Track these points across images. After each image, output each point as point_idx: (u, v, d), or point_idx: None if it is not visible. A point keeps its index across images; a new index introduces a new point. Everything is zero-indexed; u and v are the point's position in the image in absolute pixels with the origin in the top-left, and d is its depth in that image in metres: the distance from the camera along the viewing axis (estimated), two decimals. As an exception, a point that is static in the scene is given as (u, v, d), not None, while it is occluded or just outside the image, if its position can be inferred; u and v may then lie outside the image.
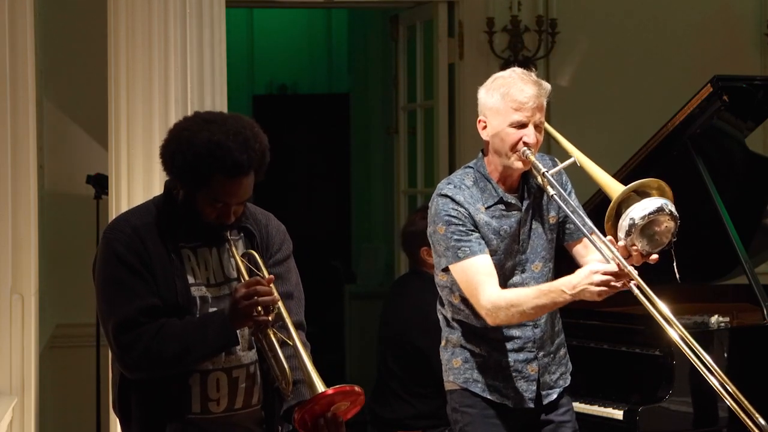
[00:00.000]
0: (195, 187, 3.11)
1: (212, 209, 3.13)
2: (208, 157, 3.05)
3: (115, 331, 3.11)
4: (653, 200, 3.58)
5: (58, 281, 6.21)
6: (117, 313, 3.11)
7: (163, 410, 3.15)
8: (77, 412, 6.23)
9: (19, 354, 4.69)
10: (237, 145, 3.07)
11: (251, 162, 3.10)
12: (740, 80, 5.23)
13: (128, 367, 3.13)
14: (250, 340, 3.22)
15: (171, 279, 3.14)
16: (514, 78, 3.78)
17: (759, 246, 5.36)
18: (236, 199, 3.13)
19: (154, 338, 3.08)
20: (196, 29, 4.59)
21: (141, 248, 3.13)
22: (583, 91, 7.11)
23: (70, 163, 6.29)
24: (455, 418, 3.93)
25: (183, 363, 3.11)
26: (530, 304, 3.70)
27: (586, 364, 4.76)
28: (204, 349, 3.10)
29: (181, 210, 3.18)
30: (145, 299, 3.11)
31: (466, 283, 3.76)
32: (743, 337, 4.84)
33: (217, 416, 3.19)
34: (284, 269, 3.30)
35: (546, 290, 3.69)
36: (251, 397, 3.23)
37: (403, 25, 7.49)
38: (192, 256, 3.20)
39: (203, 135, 3.07)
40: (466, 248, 3.76)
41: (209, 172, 3.07)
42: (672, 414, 4.56)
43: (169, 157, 3.13)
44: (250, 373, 3.22)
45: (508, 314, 3.72)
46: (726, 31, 7.34)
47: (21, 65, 4.72)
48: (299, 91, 11.17)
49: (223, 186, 3.09)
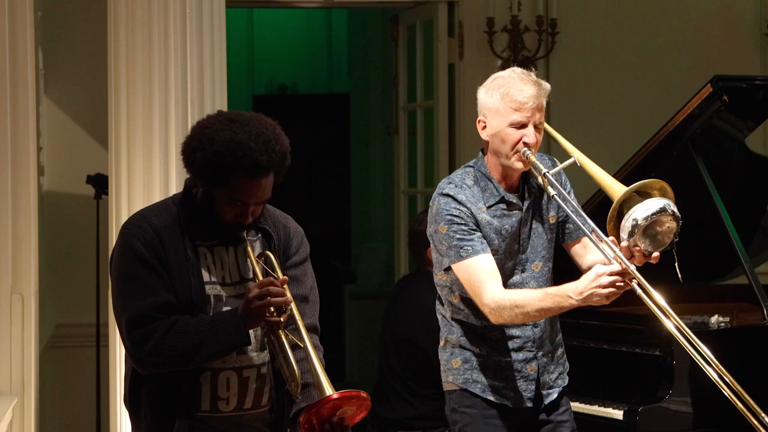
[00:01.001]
0: (214, 186, 3.13)
1: (230, 208, 3.15)
2: (229, 156, 3.07)
3: (128, 326, 3.12)
4: (656, 201, 3.58)
5: (58, 281, 6.22)
6: (131, 307, 3.12)
7: (172, 406, 3.16)
8: (77, 412, 6.23)
9: (19, 354, 4.68)
10: (258, 145, 3.08)
11: (271, 163, 3.11)
12: (740, 80, 5.23)
13: (139, 362, 3.14)
14: (262, 341, 3.22)
15: (186, 276, 3.15)
16: (513, 78, 3.77)
17: (759, 246, 5.36)
18: (254, 199, 3.14)
19: (166, 334, 3.09)
20: (196, 29, 4.59)
21: (158, 245, 3.15)
22: (583, 91, 7.11)
23: (70, 163, 6.29)
24: (454, 418, 3.92)
25: (194, 360, 3.11)
26: (535, 306, 3.69)
27: (586, 364, 4.77)
28: (215, 347, 3.10)
29: (200, 208, 3.19)
30: (159, 295, 3.12)
31: (469, 283, 3.76)
32: (743, 337, 4.84)
33: (226, 415, 3.20)
34: (300, 272, 3.31)
35: (552, 294, 3.68)
36: (261, 398, 3.24)
37: (403, 25, 7.49)
38: (208, 254, 3.21)
39: (225, 134, 3.09)
40: (469, 247, 3.75)
41: (229, 171, 3.08)
42: (672, 414, 4.56)
43: (190, 155, 3.14)
44: (261, 374, 3.22)
45: (512, 314, 3.72)
46: (726, 31, 7.34)
47: (21, 65, 4.71)
48: (299, 91, 11.17)
49: (242, 186, 3.10)
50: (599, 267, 3.60)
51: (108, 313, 4.76)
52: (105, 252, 5.12)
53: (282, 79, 11.13)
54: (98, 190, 5.95)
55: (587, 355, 4.81)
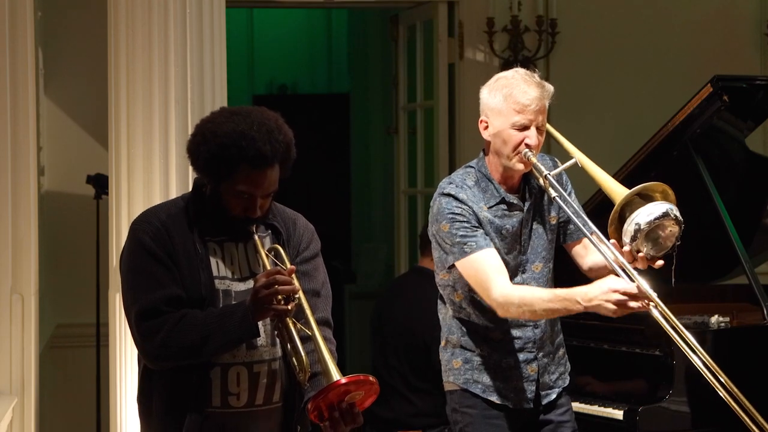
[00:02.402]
0: (220, 179, 3.14)
1: (238, 202, 3.15)
2: (232, 147, 3.09)
3: (138, 319, 3.13)
4: (659, 205, 3.56)
5: (58, 281, 6.22)
6: (140, 301, 3.13)
7: (183, 403, 3.16)
8: (77, 412, 6.23)
9: (19, 354, 4.68)
10: (261, 135, 3.10)
11: (275, 153, 3.13)
12: (740, 80, 5.23)
13: (148, 355, 3.14)
14: (273, 336, 3.22)
15: (196, 271, 3.16)
16: (517, 79, 3.76)
17: (759, 246, 5.36)
18: (261, 190, 3.15)
19: (175, 327, 3.09)
20: (196, 29, 4.59)
21: (167, 240, 3.16)
22: (583, 91, 7.11)
23: (70, 163, 6.29)
24: (455, 418, 3.93)
25: (202, 353, 3.11)
26: (542, 306, 3.68)
27: (586, 364, 4.77)
28: (223, 339, 3.10)
29: (209, 205, 3.20)
30: (168, 289, 3.13)
31: (475, 278, 3.75)
32: (743, 337, 4.84)
33: (236, 411, 3.20)
34: (311, 267, 3.31)
35: (561, 297, 3.66)
36: (273, 394, 3.24)
37: (403, 25, 7.49)
38: (218, 249, 3.22)
39: (228, 126, 3.11)
40: (473, 243, 3.74)
41: (234, 163, 3.10)
42: (672, 414, 4.56)
43: (195, 150, 3.16)
44: (272, 369, 3.22)
45: (519, 311, 3.71)
46: (726, 31, 7.34)
47: (21, 65, 4.71)
48: (299, 91, 11.17)
49: (248, 177, 3.12)
50: (614, 281, 3.55)
51: (108, 313, 4.76)
52: (105, 252, 5.12)
53: (282, 79, 11.12)
54: (98, 190, 5.95)
55: (587, 355, 4.81)
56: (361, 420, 3.11)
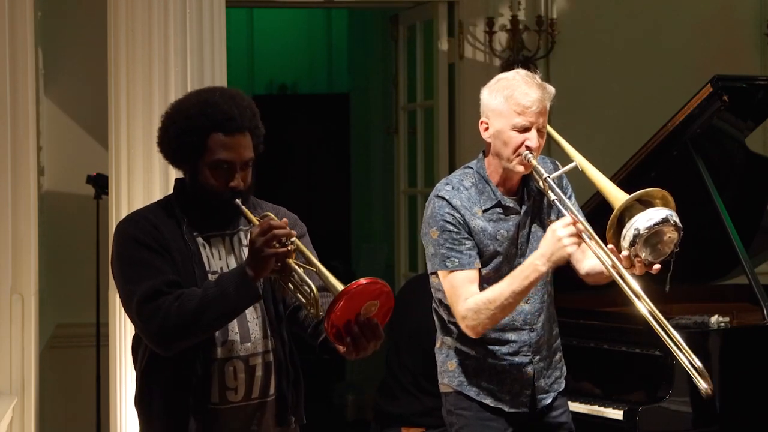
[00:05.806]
0: (197, 157, 3.16)
1: (217, 175, 3.16)
2: (199, 116, 3.14)
3: (139, 306, 3.11)
4: (658, 210, 3.55)
5: (58, 281, 6.22)
6: (140, 288, 3.11)
7: (184, 401, 3.16)
8: (77, 412, 6.23)
9: (19, 354, 4.69)
10: (224, 99, 3.17)
11: (243, 117, 3.17)
12: (740, 80, 5.22)
13: (154, 337, 3.11)
14: (265, 328, 3.23)
15: (190, 266, 3.17)
16: (518, 80, 3.73)
17: (759, 246, 5.36)
18: (238, 156, 3.16)
19: (176, 301, 3.08)
20: (196, 29, 4.59)
21: (157, 233, 3.17)
22: (583, 91, 7.11)
23: (70, 163, 6.29)
24: (450, 420, 3.90)
25: (202, 321, 3.07)
26: (506, 293, 3.66)
27: (586, 364, 4.77)
28: (224, 303, 3.07)
29: (192, 196, 3.21)
30: (167, 275, 3.12)
31: (449, 294, 3.76)
32: (743, 337, 4.83)
33: (235, 405, 3.20)
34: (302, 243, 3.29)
35: (518, 273, 3.67)
36: (268, 387, 3.25)
37: (403, 25, 7.49)
38: (206, 245, 3.23)
39: (191, 99, 3.23)
40: (456, 259, 3.73)
41: (204, 132, 3.14)
42: (672, 414, 4.56)
43: (164, 134, 3.21)
44: (267, 362, 3.23)
45: (489, 313, 3.68)
46: (726, 31, 7.34)
47: (21, 65, 4.72)
48: (299, 91, 11.18)
49: (222, 145, 3.14)
50: (554, 228, 3.61)
51: (108, 313, 4.76)
52: (105, 252, 5.12)
53: (282, 79, 11.13)
54: (98, 190, 5.95)
55: (587, 355, 4.80)
56: (382, 334, 3.04)
